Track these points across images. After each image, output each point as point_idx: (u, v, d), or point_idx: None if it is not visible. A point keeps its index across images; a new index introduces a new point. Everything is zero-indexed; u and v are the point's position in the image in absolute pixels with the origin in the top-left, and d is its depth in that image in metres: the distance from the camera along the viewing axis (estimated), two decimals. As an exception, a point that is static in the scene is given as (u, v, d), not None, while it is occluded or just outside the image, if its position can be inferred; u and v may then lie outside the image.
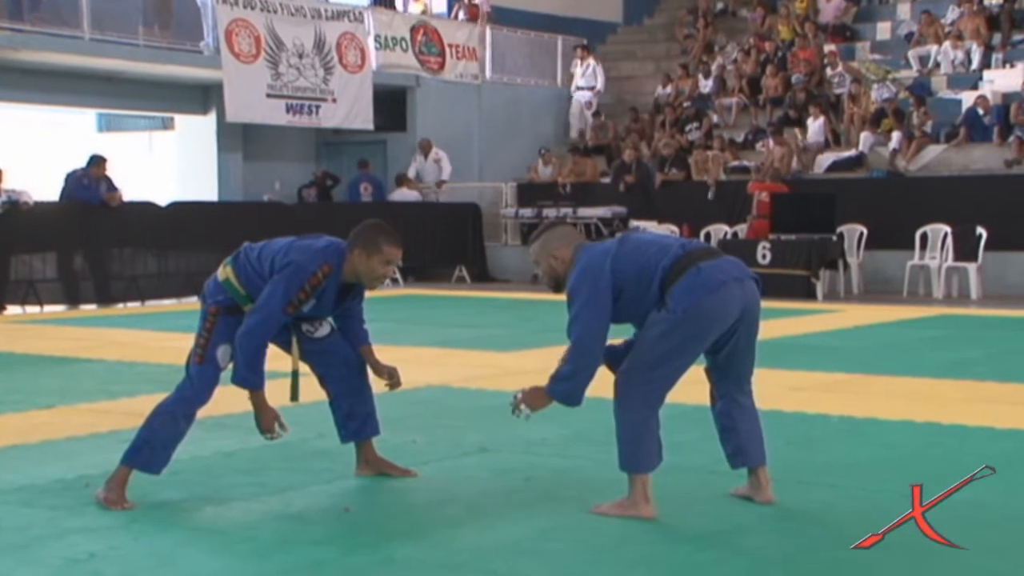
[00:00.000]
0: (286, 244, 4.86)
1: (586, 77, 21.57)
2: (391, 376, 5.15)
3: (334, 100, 18.75)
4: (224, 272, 4.89)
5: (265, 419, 4.83)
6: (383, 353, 6.38)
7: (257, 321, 4.71)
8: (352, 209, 18.41)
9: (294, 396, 5.12)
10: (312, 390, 6.46)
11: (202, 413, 6.00)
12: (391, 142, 20.34)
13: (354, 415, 5.21)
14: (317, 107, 18.55)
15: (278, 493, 4.97)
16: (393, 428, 6.36)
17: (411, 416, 6.75)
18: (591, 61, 21.58)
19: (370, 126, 19.26)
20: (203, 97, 19.13)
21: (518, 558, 4.01)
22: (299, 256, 4.76)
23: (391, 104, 19.98)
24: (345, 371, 5.18)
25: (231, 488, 5.04)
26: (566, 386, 4.52)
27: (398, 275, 17.81)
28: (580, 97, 21.61)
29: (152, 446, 4.72)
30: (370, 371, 5.24)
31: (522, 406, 4.57)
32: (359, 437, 5.25)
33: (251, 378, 4.76)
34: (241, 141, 19.26)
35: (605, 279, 4.43)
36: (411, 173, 19.10)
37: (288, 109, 18.19)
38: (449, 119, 20.44)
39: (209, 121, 19.10)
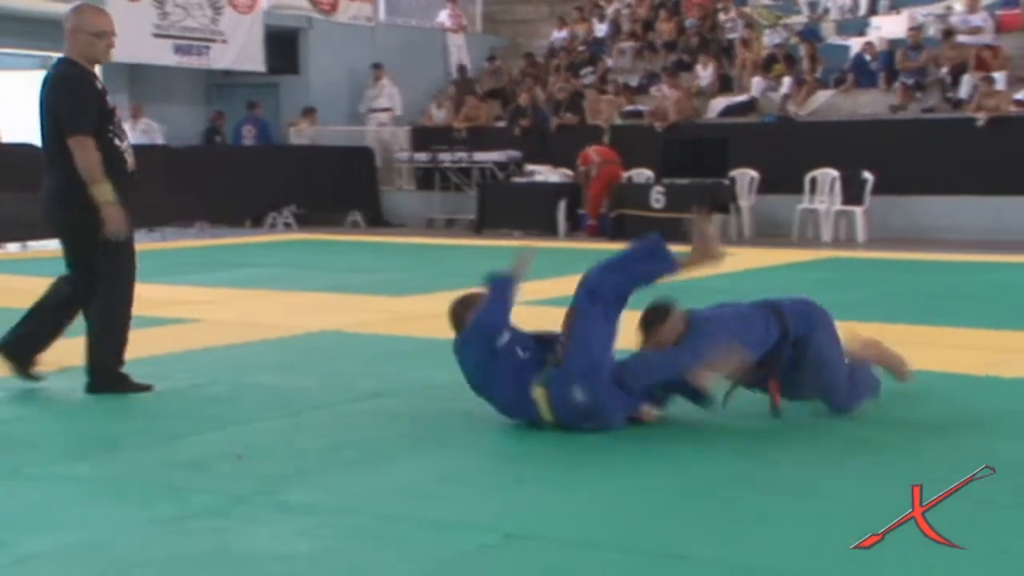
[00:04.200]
0: None
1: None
2: None
3: (224, 41, 18.37)
4: None
5: None
6: (272, 298, 6.33)
7: None
8: (237, 153, 18.13)
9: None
10: (201, 337, 6.35)
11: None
12: (284, 85, 20.02)
13: None
14: (206, 48, 18.15)
15: (168, 440, 4.89)
16: (286, 373, 6.32)
17: (304, 361, 6.70)
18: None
19: (261, 68, 18.91)
20: (85, 36, 18.55)
21: (412, 501, 4.01)
22: None
23: (283, 46, 19.64)
24: None
25: (118, 436, 4.96)
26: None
27: (291, 219, 17.61)
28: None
29: None
30: None
31: None
32: None
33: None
34: (127, 82, 18.76)
35: None
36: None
37: (176, 50, 17.78)
38: (342, 62, 20.17)
39: (92, 61, 18.53)
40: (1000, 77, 15.95)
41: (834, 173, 15.45)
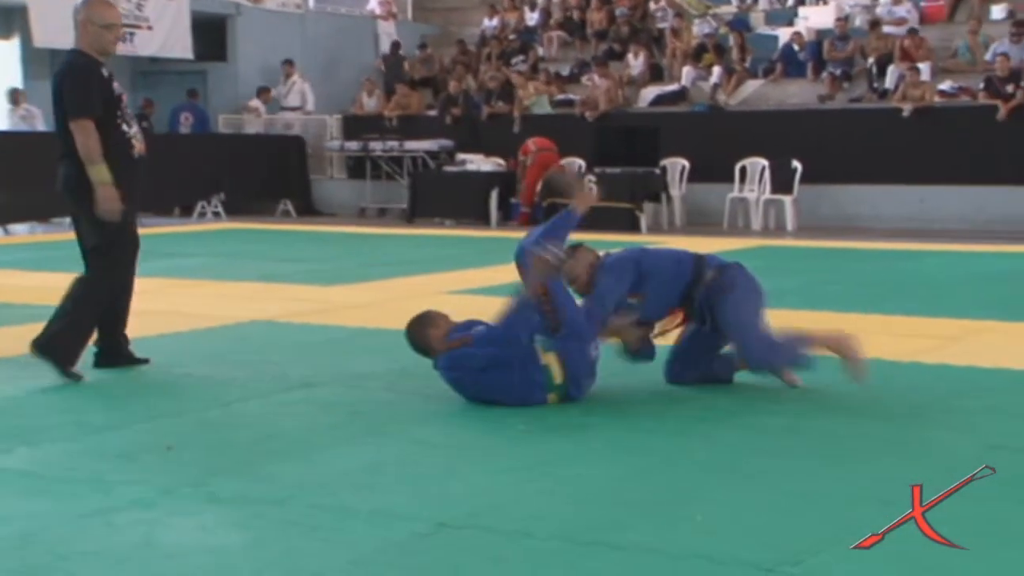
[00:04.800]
0: None
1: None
2: None
3: (149, 27, 18.10)
4: None
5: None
6: (202, 288, 6.26)
7: None
8: (166, 140, 17.88)
9: None
10: (129, 327, 6.27)
11: (15, 350, 5.78)
12: (212, 72, 19.79)
13: None
14: (131, 34, 17.85)
15: (96, 432, 4.82)
16: (217, 363, 6.25)
17: (234, 351, 6.63)
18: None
19: (189, 55, 18.68)
20: (6, 21, 18.23)
21: (343, 492, 3.99)
22: None
23: (211, 33, 19.40)
24: None
25: (46, 428, 4.87)
26: None
27: (220, 209, 17.42)
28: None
29: None
30: None
31: None
32: None
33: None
34: (49, 68, 18.40)
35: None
36: None
37: (100, 36, 17.46)
38: (271, 49, 19.96)
39: (12, 47, 18.22)
40: (924, 68, 16.19)
41: (764, 162, 15.59)
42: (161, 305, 8.33)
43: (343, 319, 7.77)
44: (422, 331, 5.27)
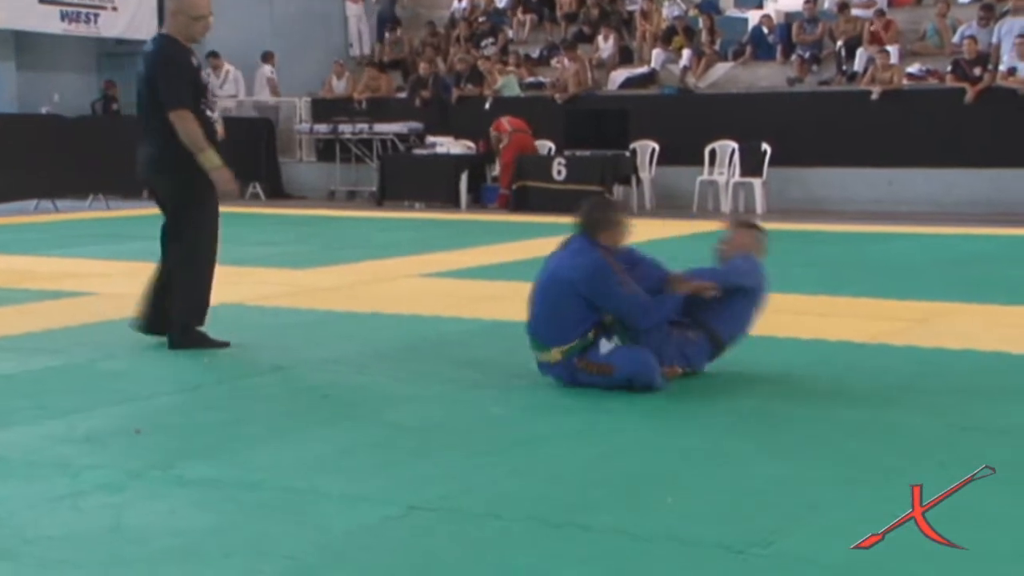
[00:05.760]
0: None
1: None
2: None
3: (114, 8, 17.95)
4: None
5: None
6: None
7: None
8: (131, 122, 17.71)
9: None
10: (97, 310, 6.22)
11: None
12: (179, 54, 19.61)
13: None
14: (96, 15, 17.71)
15: (62, 416, 4.78)
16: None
17: (203, 335, 6.58)
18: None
19: (155, 36, 18.51)
20: (-33, 2, 18.02)
21: (316, 475, 3.98)
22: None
23: (178, 14, 19.24)
24: None
25: (10, 412, 4.83)
26: None
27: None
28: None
29: None
30: None
31: None
32: None
33: None
34: (13, 50, 18.25)
35: None
36: None
37: (63, 17, 17.31)
38: (240, 30, 19.80)
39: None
40: (893, 51, 16.25)
41: (733, 145, 15.62)
42: (129, 288, 8.25)
43: (313, 302, 7.74)
44: (615, 213, 5.36)
